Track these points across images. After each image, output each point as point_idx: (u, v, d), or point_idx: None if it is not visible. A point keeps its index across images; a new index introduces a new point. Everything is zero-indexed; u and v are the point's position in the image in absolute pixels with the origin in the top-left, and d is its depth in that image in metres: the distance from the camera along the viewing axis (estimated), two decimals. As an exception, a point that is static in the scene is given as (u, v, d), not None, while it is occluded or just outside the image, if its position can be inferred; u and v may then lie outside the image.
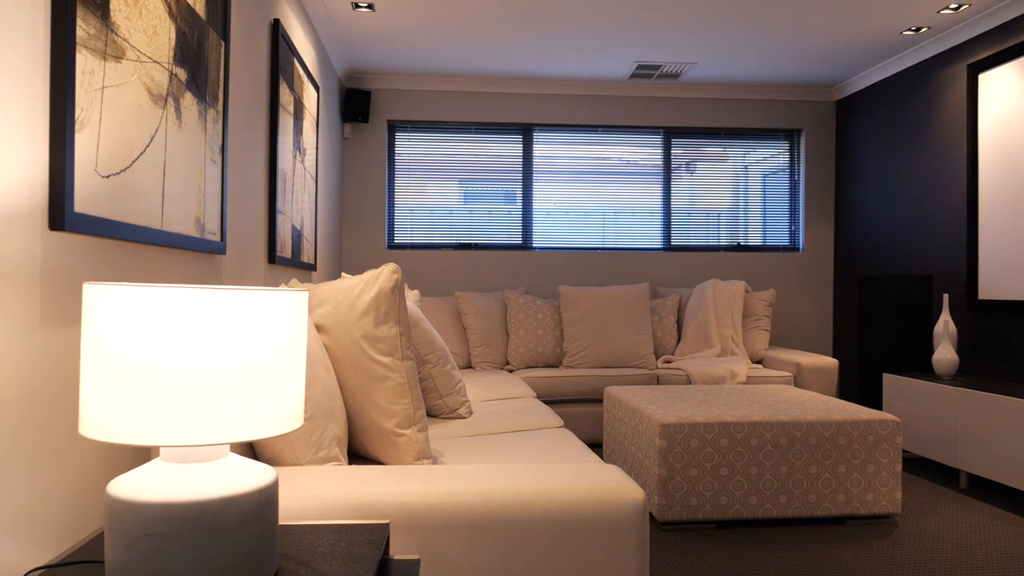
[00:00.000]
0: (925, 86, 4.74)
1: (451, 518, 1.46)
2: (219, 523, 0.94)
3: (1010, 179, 3.97)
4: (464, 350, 4.89)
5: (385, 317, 1.91)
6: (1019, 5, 3.91)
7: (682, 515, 2.96)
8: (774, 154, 5.88)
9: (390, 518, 1.45)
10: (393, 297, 1.91)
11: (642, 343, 4.86)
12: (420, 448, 1.95)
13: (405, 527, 1.45)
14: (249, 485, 0.97)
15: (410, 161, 5.55)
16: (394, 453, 1.95)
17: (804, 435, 3.02)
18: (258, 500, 0.98)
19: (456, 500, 1.47)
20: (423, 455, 1.97)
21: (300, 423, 1.05)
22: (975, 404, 3.55)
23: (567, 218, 5.67)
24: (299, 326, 1.02)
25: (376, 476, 1.57)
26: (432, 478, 1.56)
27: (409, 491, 1.48)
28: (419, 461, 1.97)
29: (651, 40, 4.61)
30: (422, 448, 1.96)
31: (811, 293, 5.82)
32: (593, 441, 4.52)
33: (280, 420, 0.98)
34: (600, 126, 5.67)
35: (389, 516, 1.45)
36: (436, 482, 1.53)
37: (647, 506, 1.51)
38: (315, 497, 1.45)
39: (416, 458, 1.96)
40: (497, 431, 2.64)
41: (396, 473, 1.60)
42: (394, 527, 1.45)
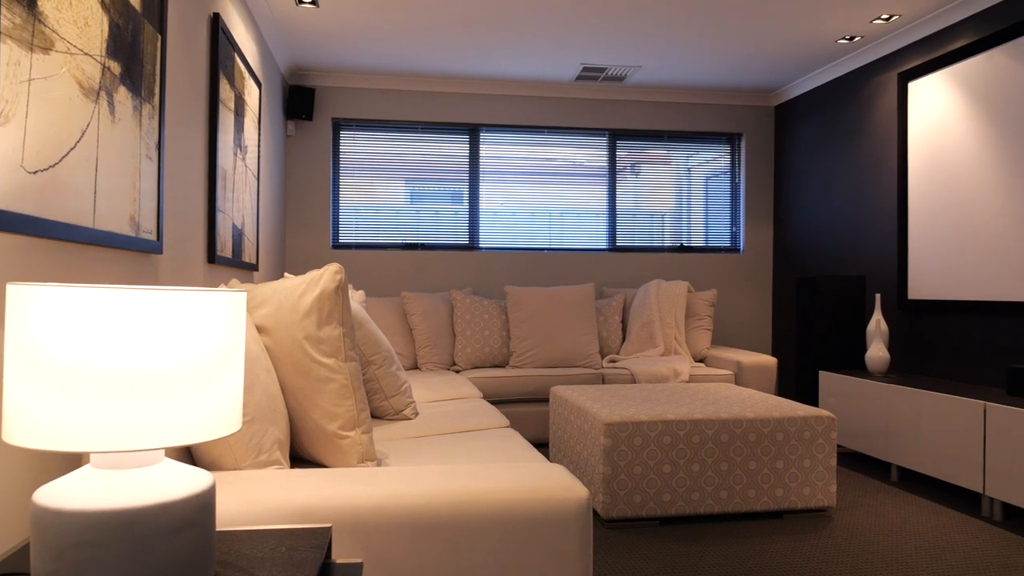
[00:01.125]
0: (859, 93, 4.90)
1: (395, 520, 1.45)
2: (152, 531, 0.91)
3: (937, 185, 4.13)
4: (410, 351, 4.86)
5: (328, 318, 1.88)
6: (945, 17, 4.08)
7: (626, 512, 3.00)
8: (716, 157, 6.00)
9: (333, 522, 1.43)
10: (336, 298, 1.88)
11: (588, 343, 4.90)
12: (364, 450, 1.93)
13: (348, 530, 1.43)
14: (184, 491, 0.95)
15: (356, 160, 5.49)
16: (338, 456, 1.93)
17: (744, 432, 3.09)
18: (194, 506, 0.95)
19: (400, 502, 1.46)
20: (367, 457, 1.95)
21: (238, 427, 1.03)
22: (905, 400, 3.69)
23: (514, 219, 5.69)
24: (236, 327, 1.00)
25: (318, 479, 1.54)
26: (376, 480, 1.54)
27: (352, 494, 1.46)
28: (363, 463, 1.95)
29: (597, 43, 4.66)
30: (366, 450, 1.94)
31: (751, 293, 5.97)
32: (539, 441, 4.54)
33: (217, 424, 0.96)
34: (546, 127, 5.71)
35: (332, 520, 1.43)
36: (380, 484, 1.51)
37: (591, 504, 1.53)
38: (255, 502, 1.42)
39: (360, 460, 1.94)
40: (443, 432, 2.63)
41: (339, 476, 1.58)
42: (337, 531, 1.43)
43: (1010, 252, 3.65)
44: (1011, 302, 3.62)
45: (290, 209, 5.36)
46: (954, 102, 4.02)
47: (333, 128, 5.46)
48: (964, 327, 3.97)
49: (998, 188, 3.72)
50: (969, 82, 3.92)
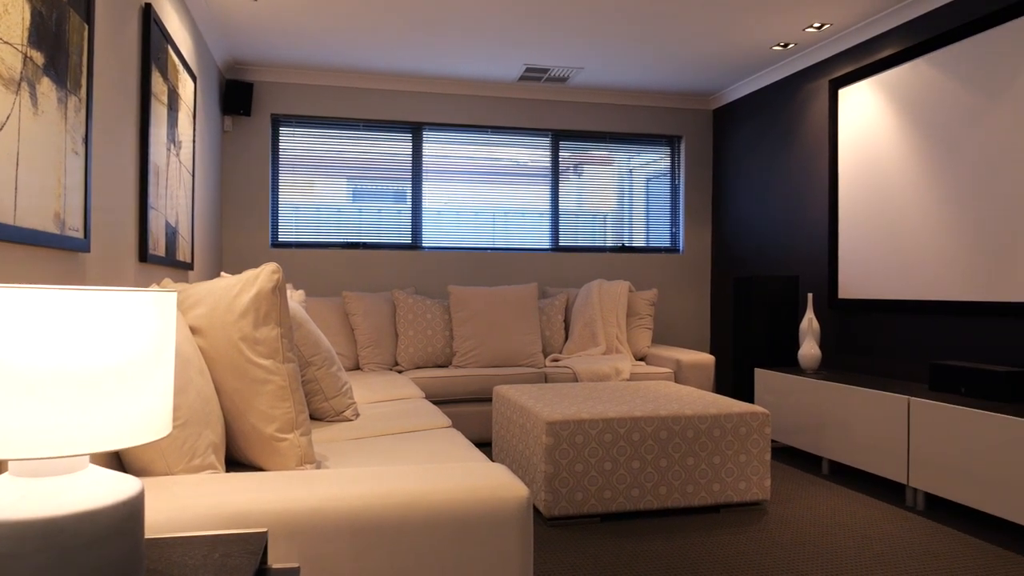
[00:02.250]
0: (792, 99, 5.05)
1: (334, 523, 1.43)
2: (74, 541, 0.88)
3: (865, 189, 4.29)
4: (352, 351, 4.80)
5: (265, 318, 1.84)
6: (874, 27, 4.23)
7: (568, 510, 3.02)
8: (656, 159, 6.10)
9: (269, 526, 1.40)
10: (274, 297, 1.85)
11: (531, 342, 4.93)
12: (303, 453, 1.90)
13: (285, 535, 1.40)
14: (110, 498, 0.92)
15: (296, 157, 5.40)
16: (276, 459, 1.89)
17: (682, 428, 3.15)
18: (120, 514, 0.92)
19: (339, 505, 1.44)
20: (306, 460, 1.92)
21: (168, 431, 1.00)
22: (835, 396, 3.81)
23: (457, 218, 5.67)
24: (165, 328, 0.97)
25: (255, 483, 1.51)
26: (314, 483, 1.52)
27: (290, 497, 1.44)
28: (302, 466, 1.91)
29: (540, 44, 4.68)
30: (305, 452, 1.90)
31: (691, 293, 6.09)
32: (483, 440, 4.54)
33: (144, 428, 0.93)
34: (490, 127, 5.71)
35: (268, 524, 1.40)
36: (318, 487, 1.49)
37: (531, 503, 1.54)
38: (188, 508, 1.39)
39: (299, 463, 1.91)
40: (384, 433, 2.61)
41: (276, 479, 1.55)
42: (273, 535, 1.40)
43: (933, 254, 3.81)
44: (934, 301, 3.78)
45: (227, 207, 5.23)
46: (881, 109, 4.18)
47: (272, 124, 5.35)
48: (890, 325, 4.13)
49: (922, 192, 3.88)
50: (896, 90, 4.08)
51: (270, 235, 5.32)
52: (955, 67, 3.69)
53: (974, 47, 3.58)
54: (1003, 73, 3.43)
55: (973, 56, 3.59)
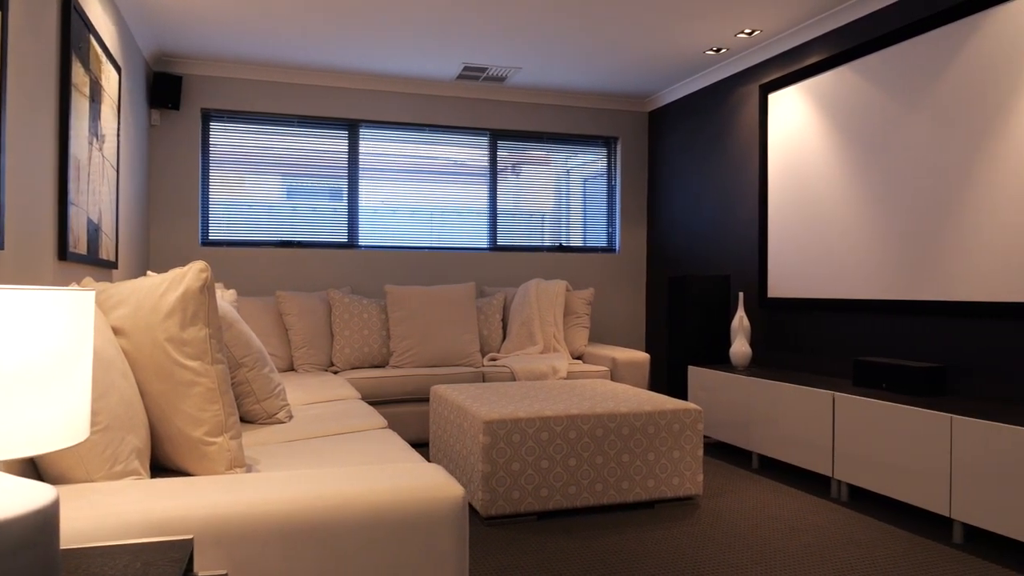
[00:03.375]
0: (724, 102, 5.17)
1: (264, 528, 1.40)
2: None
3: (793, 191, 4.43)
4: (286, 352, 4.71)
5: (193, 318, 1.79)
6: (802, 34, 4.37)
7: (505, 509, 3.03)
8: (593, 159, 6.17)
9: (196, 533, 1.36)
10: (201, 297, 1.80)
11: (468, 342, 4.92)
12: (232, 456, 1.85)
13: (212, 541, 1.37)
14: (20, 508, 0.87)
15: (227, 153, 5.25)
16: (204, 463, 1.84)
17: (617, 426, 3.20)
18: (32, 524, 0.88)
19: (269, 509, 1.41)
20: (236, 463, 1.87)
21: (86, 436, 0.96)
22: (764, 392, 3.93)
23: (394, 217, 5.62)
24: (82, 329, 0.93)
25: (181, 489, 1.47)
26: (243, 487, 1.48)
27: (217, 502, 1.40)
28: (232, 470, 1.86)
29: (478, 42, 4.68)
30: (235, 456, 1.86)
31: (626, 292, 6.17)
32: (420, 441, 4.51)
33: (59, 434, 0.89)
34: (428, 125, 5.67)
35: (195, 531, 1.36)
36: (247, 491, 1.46)
37: (466, 503, 1.53)
38: (109, 516, 1.33)
39: (228, 467, 1.86)
40: (318, 435, 2.57)
41: (203, 484, 1.50)
42: (200, 542, 1.36)
43: (857, 254, 3.96)
44: (857, 300, 3.93)
45: (155, 203, 5.06)
46: (809, 114, 4.32)
47: (202, 119, 5.20)
48: (817, 323, 4.27)
49: (846, 195, 4.03)
50: (822, 95, 4.22)
51: (200, 233, 5.17)
52: (877, 75, 3.84)
53: (894, 56, 3.74)
54: (921, 81, 3.59)
55: (893, 65, 3.74)
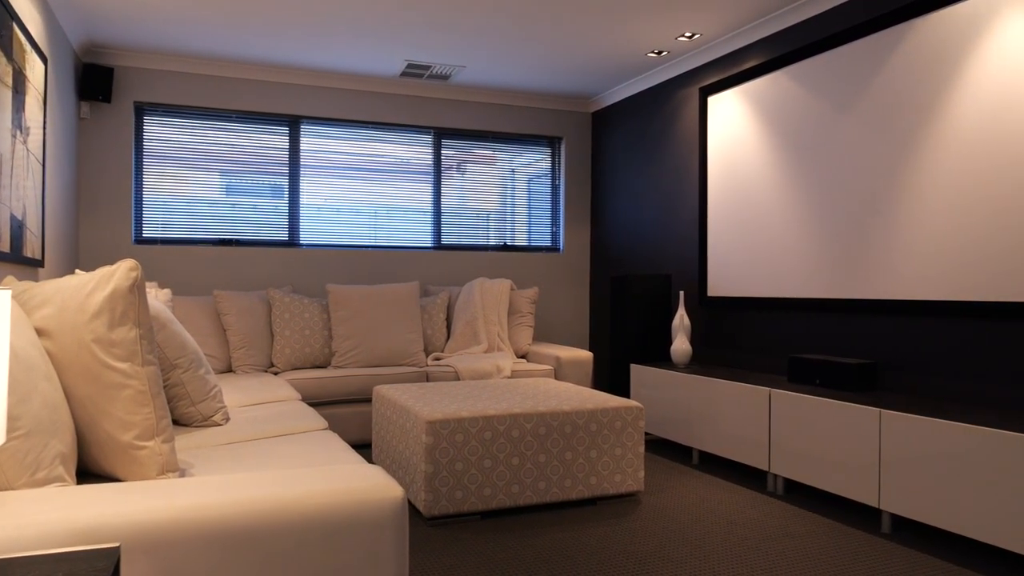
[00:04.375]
0: (666, 104, 5.25)
1: (197, 534, 1.36)
2: None
3: (731, 192, 4.53)
4: (224, 353, 4.59)
5: (122, 319, 1.73)
6: (740, 39, 4.47)
7: (448, 509, 3.02)
8: (538, 159, 6.20)
9: (123, 541, 1.31)
10: (131, 296, 1.74)
11: (412, 341, 4.88)
12: (164, 461, 1.80)
13: (141, 549, 1.32)
14: (-71, 519, 0.83)
15: (162, 148, 5.10)
16: (134, 468, 1.78)
17: (560, 424, 3.22)
18: (-58, 535, 0.84)
19: (202, 514, 1.37)
20: (168, 468, 1.82)
21: (1, 441, 0.92)
22: (703, 389, 4.00)
23: (337, 215, 5.54)
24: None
25: (108, 495, 1.41)
26: (175, 492, 1.44)
27: (147, 509, 1.35)
28: (164, 475, 1.81)
29: (422, 40, 4.64)
30: (167, 461, 1.80)
31: (570, 291, 6.22)
32: (363, 442, 4.46)
33: (-28, 440, 0.85)
34: (371, 123, 5.61)
35: (122, 539, 1.31)
36: (180, 496, 1.41)
37: (406, 503, 1.52)
38: (30, 525, 1.28)
39: (160, 472, 1.80)
40: (255, 437, 2.51)
41: (132, 490, 1.45)
42: (128, 550, 1.32)
43: (792, 254, 4.07)
44: (793, 298, 4.04)
45: (85, 200, 4.87)
46: (747, 117, 4.42)
47: (135, 112, 5.03)
48: (754, 321, 4.38)
49: (782, 196, 4.14)
50: (759, 99, 4.33)
51: (133, 230, 5.00)
52: (810, 80, 3.96)
53: (827, 62, 3.85)
54: (852, 87, 3.71)
55: (826, 70, 3.86)
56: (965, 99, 3.16)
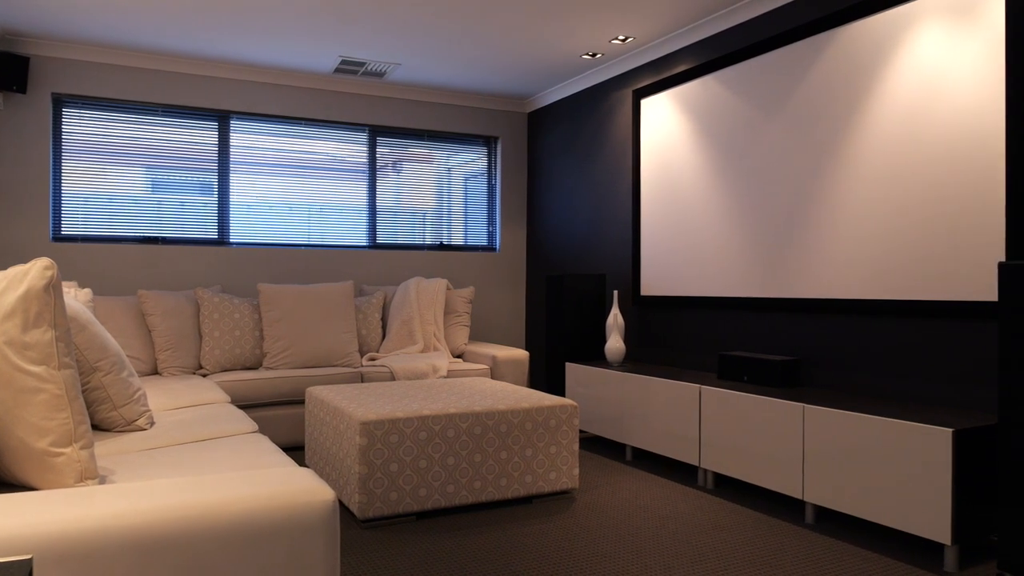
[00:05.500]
0: (600, 106, 5.32)
1: (116, 543, 1.31)
2: None
3: (664, 193, 4.62)
4: (149, 355, 4.44)
5: (36, 320, 1.65)
6: (671, 43, 4.56)
7: (383, 511, 2.99)
8: (474, 158, 6.19)
9: (37, 552, 1.26)
10: (46, 296, 1.66)
11: (347, 341, 4.82)
12: (83, 468, 1.73)
13: (55, 560, 1.27)
14: None
15: (82, 142, 4.89)
16: (50, 476, 1.70)
17: (496, 423, 3.23)
18: None
19: (122, 522, 1.33)
20: (87, 475, 1.75)
21: (-100, 451, 0.87)
22: (636, 386, 4.07)
23: (269, 213, 5.42)
24: None
25: (20, 504, 1.35)
26: (94, 500, 1.39)
27: (63, 518, 1.30)
28: (83, 482, 1.74)
29: (356, 36, 4.58)
30: (85, 467, 1.73)
31: (507, 290, 6.24)
32: (296, 444, 4.38)
33: None
34: (304, 119, 5.51)
35: (36, 550, 1.26)
36: (98, 504, 1.36)
37: (336, 506, 1.50)
38: (-67, 538, 1.21)
39: (78, 479, 1.73)
40: (181, 442, 2.44)
41: (47, 499, 1.39)
42: (42, 562, 1.26)
43: (721, 254, 4.18)
44: (722, 297, 4.15)
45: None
46: (678, 120, 4.52)
47: (53, 104, 4.82)
48: (686, 320, 4.48)
49: (711, 198, 4.25)
50: (690, 103, 4.42)
51: (51, 228, 4.79)
52: (738, 85, 4.07)
53: (753, 69, 3.97)
54: (777, 93, 3.83)
55: (752, 76, 3.98)
56: (881, 107, 3.30)
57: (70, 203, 4.86)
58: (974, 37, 2.93)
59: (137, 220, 5.03)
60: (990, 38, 2.88)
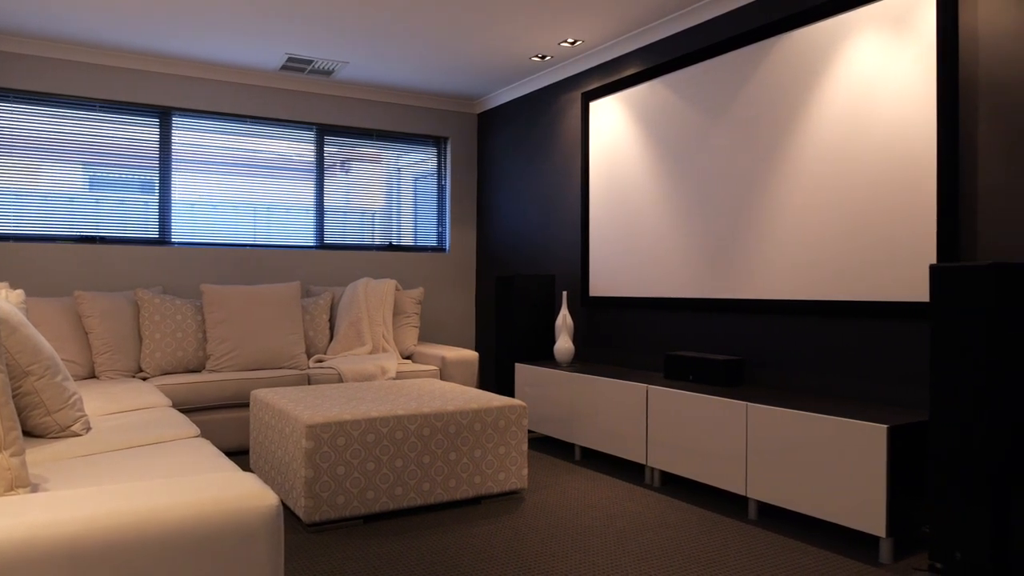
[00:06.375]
0: (550, 108, 5.35)
1: (47, 554, 1.27)
2: None
3: (612, 195, 4.67)
4: (86, 358, 4.30)
5: (-38, 323, 1.59)
6: (620, 47, 4.62)
7: (330, 514, 2.95)
8: (424, 159, 6.16)
9: (-38, 564, 1.21)
10: (-27, 299, 1.60)
11: (293, 343, 4.74)
12: (13, 476, 1.67)
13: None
14: None
15: (13, 137, 4.71)
16: (-23, 485, 1.63)
17: (444, 424, 3.22)
18: None
19: (55, 532, 1.28)
20: (18, 484, 1.68)
21: None
22: (585, 386, 4.11)
23: (213, 212, 5.30)
24: None
25: (-56, 516, 1.30)
26: (23, 509, 1.34)
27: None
28: (13, 491, 1.68)
29: (302, 33, 4.52)
30: (16, 476, 1.67)
31: (456, 291, 6.23)
32: (241, 448, 4.29)
33: None
34: (250, 117, 5.41)
35: (-40, 562, 1.21)
36: (29, 514, 1.31)
37: (281, 511, 1.48)
38: None
39: (8, 488, 1.67)
40: (119, 448, 2.37)
41: (-27, 509, 1.34)
42: (-33, 574, 1.21)
43: (668, 256, 4.24)
44: (669, 298, 4.21)
45: (-78, 191, 4.43)
46: (626, 123, 4.57)
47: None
48: (633, 320, 4.54)
49: (658, 201, 4.31)
50: (637, 106, 4.48)
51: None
52: (684, 89, 4.14)
53: (699, 73, 4.04)
54: (723, 98, 3.91)
55: (699, 81, 4.05)
56: (820, 113, 3.40)
57: (1, 201, 4.67)
58: (908, 47, 3.04)
59: (74, 219, 4.87)
60: (923, 48, 2.99)
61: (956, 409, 2.45)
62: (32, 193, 4.76)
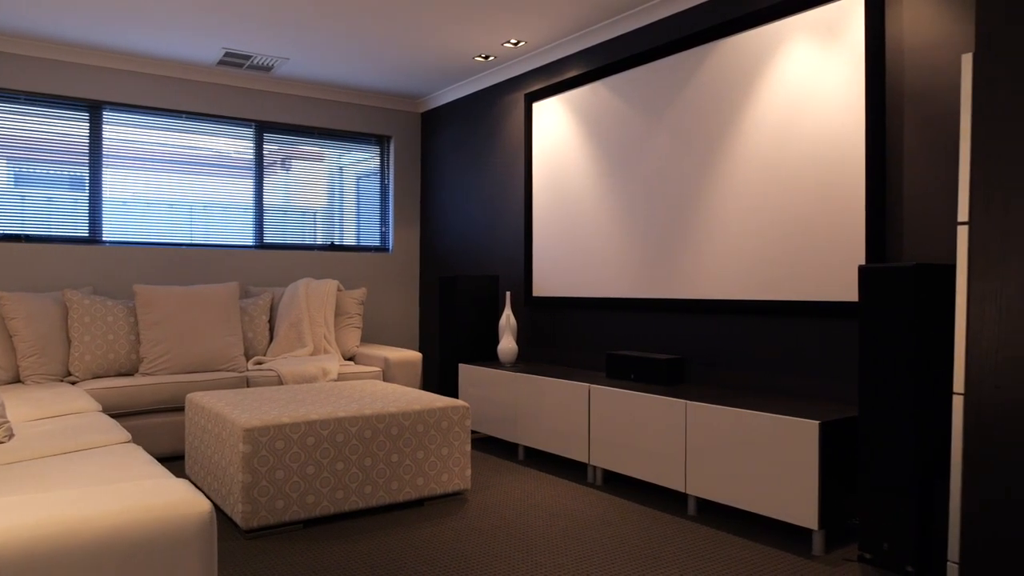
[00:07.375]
0: (493, 108, 5.36)
1: (-37, 567, 1.21)
2: None
3: (555, 195, 4.70)
4: (10, 361, 4.12)
5: None
6: (562, 49, 4.65)
7: (269, 520, 2.90)
8: (367, 158, 6.10)
9: None
10: None
11: (231, 344, 4.63)
12: (-74, 486, 1.58)
13: None
14: None
15: (-70, 130, 4.48)
16: None
17: (387, 426, 3.19)
18: None
19: (-30, 545, 1.22)
20: (-69, 495, 1.60)
21: None
22: (528, 386, 4.13)
23: (147, 210, 5.14)
24: None
25: None
26: (-64, 522, 1.27)
27: (-101, 543, 1.19)
28: (-74, 503, 1.59)
29: (240, 27, 4.42)
30: (-71, 486, 1.59)
31: (400, 291, 6.18)
32: (176, 454, 4.17)
33: None
34: (185, 112, 5.26)
35: None
36: (-58, 527, 1.25)
37: (213, 518, 1.44)
38: None
39: (-80, 499, 1.59)
40: (44, 455, 2.28)
41: None
42: None
43: (610, 256, 4.29)
44: (611, 298, 4.26)
45: None
46: (568, 124, 4.61)
47: None
48: (576, 320, 4.57)
49: (600, 202, 4.36)
50: (579, 108, 4.52)
51: None
52: (625, 91, 4.19)
53: (640, 76, 4.10)
54: (662, 101, 3.97)
55: (640, 84, 4.11)
56: (755, 118, 3.49)
57: (-83, 197, 4.44)
58: (838, 55, 3.15)
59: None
60: (852, 57, 3.09)
61: (883, 405, 2.54)
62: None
